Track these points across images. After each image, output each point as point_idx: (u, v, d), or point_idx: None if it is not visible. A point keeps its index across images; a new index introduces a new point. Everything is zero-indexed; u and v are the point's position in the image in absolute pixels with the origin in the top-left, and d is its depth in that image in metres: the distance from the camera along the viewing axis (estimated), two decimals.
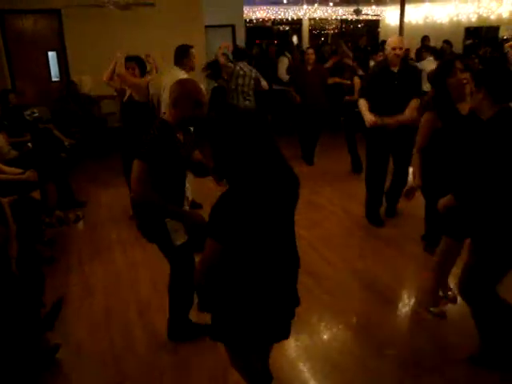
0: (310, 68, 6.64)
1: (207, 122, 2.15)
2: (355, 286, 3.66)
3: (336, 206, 5.28)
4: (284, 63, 8.34)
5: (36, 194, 4.48)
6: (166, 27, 7.94)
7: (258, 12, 13.64)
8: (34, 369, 2.75)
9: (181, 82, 2.54)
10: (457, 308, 3.25)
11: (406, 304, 3.44)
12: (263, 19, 13.97)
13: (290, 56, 8.69)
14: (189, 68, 4.69)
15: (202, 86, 2.53)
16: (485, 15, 12.12)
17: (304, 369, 2.76)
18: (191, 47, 4.79)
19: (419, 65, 7.80)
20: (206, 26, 9.30)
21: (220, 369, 2.74)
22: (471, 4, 12.32)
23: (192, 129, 3.19)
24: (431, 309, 3.20)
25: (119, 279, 3.85)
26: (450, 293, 3.34)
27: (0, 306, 2.66)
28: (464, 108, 3.04)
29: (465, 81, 3.05)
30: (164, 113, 3.99)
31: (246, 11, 12.56)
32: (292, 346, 2.94)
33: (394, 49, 4.19)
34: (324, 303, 3.42)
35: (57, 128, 6.59)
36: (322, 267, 3.90)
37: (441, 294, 3.28)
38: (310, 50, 6.80)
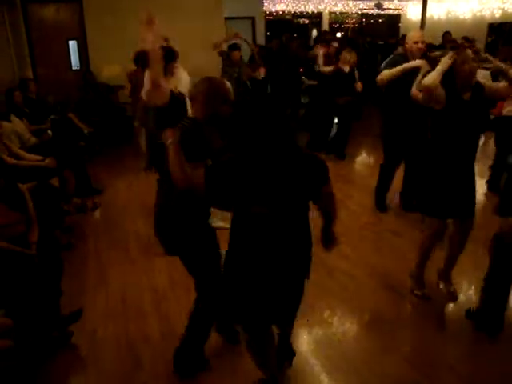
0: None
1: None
2: (369, 280, 3.65)
3: (352, 200, 5.25)
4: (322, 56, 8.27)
5: (54, 182, 4.55)
6: (186, 19, 7.94)
7: (277, 5, 13.55)
8: (49, 351, 2.81)
9: (208, 79, 2.51)
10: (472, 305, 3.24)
11: (421, 300, 3.42)
12: (283, 12, 13.87)
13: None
14: None
15: (229, 84, 2.50)
16: (510, 11, 11.87)
17: (316, 362, 2.77)
18: None
19: None
20: (226, 18, 9.28)
21: (232, 359, 2.77)
22: None
23: None
24: (415, 291, 3.36)
25: (135, 268, 3.89)
26: (451, 289, 3.39)
27: (20, 291, 2.72)
28: (466, 94, 3.02)
29: (474, 70, 2.97)
30: None
31: (265, 3, 12.50)
32: (304, 339, 2.95)
33: (416, 42, 4.22)
34: (337, 297, 3.42)
35: (77, 117, 6.67)
36: (336, 261, 3.89)
37: (441, 286, 3.42)
38: (336, 44, 6.81)
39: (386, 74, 4.29)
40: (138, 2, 7.69)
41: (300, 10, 13.98)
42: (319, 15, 14.43)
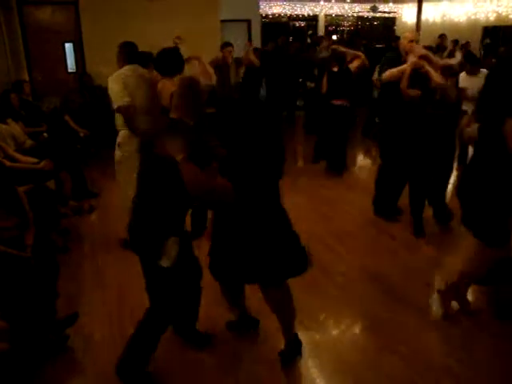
0: None
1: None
2: (366, 282, 3.66)
3: (348, 203, 5.27)
4: None
5: (50, 184, 4.54)
6: (182, 21, 7.95)
7: (274, 7, 13.59)
8: (45, 354, 2.81)
9: (187, 82, 2.48)
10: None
11: (416, 302, 3.43)
12: (279, 14, 13.92)
13: None
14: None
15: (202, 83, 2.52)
16: (504, 14, 11.95)
17: (312, 365, 2.77)
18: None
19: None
20: (222, 21, 9.30)
21: (230, 364, 2.77)
22: (490, 2, 12.17)
23: None
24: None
25: (131, 270, 3.86)
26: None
27: (15, 293, 2.71)
28: None
29: None
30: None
31: (261, 6, 12.52)
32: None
33: (411, 41, 4.42)
34: (334, 299, 3.43)
35: (72, 119, 6.66)
36: (333, 263, 3.91)
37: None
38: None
39: (389, 73, 4.39)
40: (134, 5, 7.76)
41: (296, 12, 14.03)
42: (315, 18, 14.48)
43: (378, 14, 14.89)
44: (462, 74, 6.11)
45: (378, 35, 14.83)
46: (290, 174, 3.12)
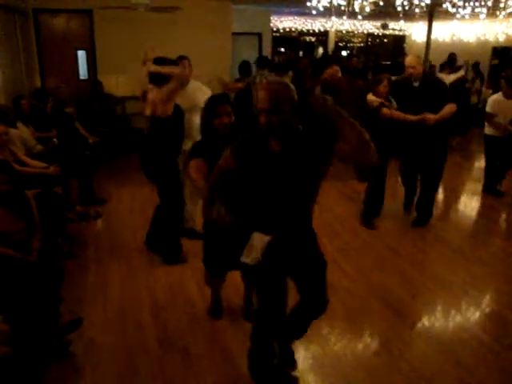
0: None
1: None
2: (370, 298, 3.64)
3: (353, 217, 5.26)
4: None
5: (57, 189, 4.57)
6: (194, 32, 8.05)
7: (285, 22, 13.73)
8: (47, 359, 2.80)
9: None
10: (474, 329, 3.25)
11: (420, 319, 3.41)
12: (290, 29, 14.05)
13: None
14: None
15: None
16: None
17: (314, 379, 2.76)
18: None
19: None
20: (234, 34, 9.40)
21: (229, 372, 2.76)
22: (500, 23, 12.22)
23: None
24: None
25: (135, 278, 3.89)
26: None
27: (19, 297, 2.73)
28: None
29: None
30: None
31: (273, 20, 12.66)
32: (302, 356, 2.93)
33: (407, 67, 4.63)
34: (337, 314, 3.40)
35: (82, 126, 6.71)
36: (338, 278, 3.89)
37: None
38: None
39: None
40: (147, 16, 7.85)
41: (307, 27, 14.15)
42: (325, 33, 14.60)
43: (388, 32, 14.99)
44: (497, 96, 5.94)
45: (387, 52, 14.94)
46: None
